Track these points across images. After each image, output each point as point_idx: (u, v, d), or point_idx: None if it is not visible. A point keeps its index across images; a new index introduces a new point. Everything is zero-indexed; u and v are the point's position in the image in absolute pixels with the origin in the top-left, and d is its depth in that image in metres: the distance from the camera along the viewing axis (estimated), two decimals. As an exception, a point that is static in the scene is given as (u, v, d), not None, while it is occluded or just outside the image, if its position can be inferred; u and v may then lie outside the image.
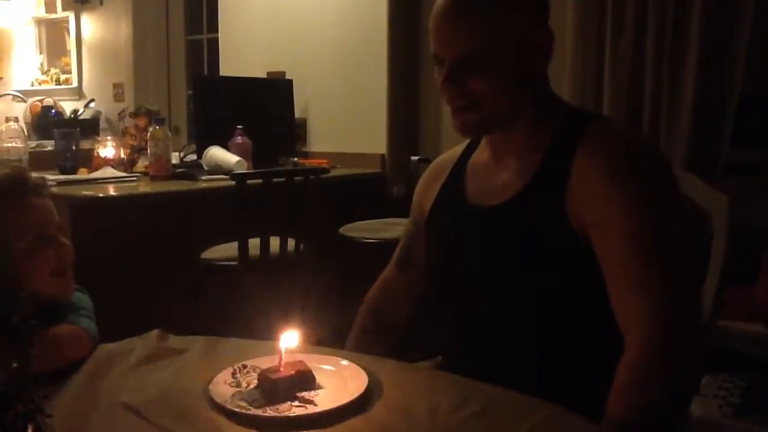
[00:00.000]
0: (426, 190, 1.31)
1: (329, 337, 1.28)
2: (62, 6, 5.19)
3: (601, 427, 0.91)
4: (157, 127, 2.73)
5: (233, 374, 0.97)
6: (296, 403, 0.89)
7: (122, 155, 3.01)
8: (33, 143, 3.84)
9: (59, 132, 2.90)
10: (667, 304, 0.95)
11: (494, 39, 1.04)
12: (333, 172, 3.01)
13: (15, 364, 0.52)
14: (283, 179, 2.43)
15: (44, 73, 5.46)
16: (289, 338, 0.97)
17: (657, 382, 0.94)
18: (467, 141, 1.28)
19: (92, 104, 5.00)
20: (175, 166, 2.89)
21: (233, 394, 0.91)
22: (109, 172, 2.76)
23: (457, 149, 1.30)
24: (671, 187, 1.04)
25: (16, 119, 2.91)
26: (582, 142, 1.05)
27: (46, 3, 5.27)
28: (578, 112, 1.15)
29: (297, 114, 3.65)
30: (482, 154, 1.22)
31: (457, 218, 1.20)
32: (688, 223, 1.07)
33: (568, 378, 1.05)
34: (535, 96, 1.12)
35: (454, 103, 1.10)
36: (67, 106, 5.10)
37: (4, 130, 2.80)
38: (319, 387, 0.94)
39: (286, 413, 0.87)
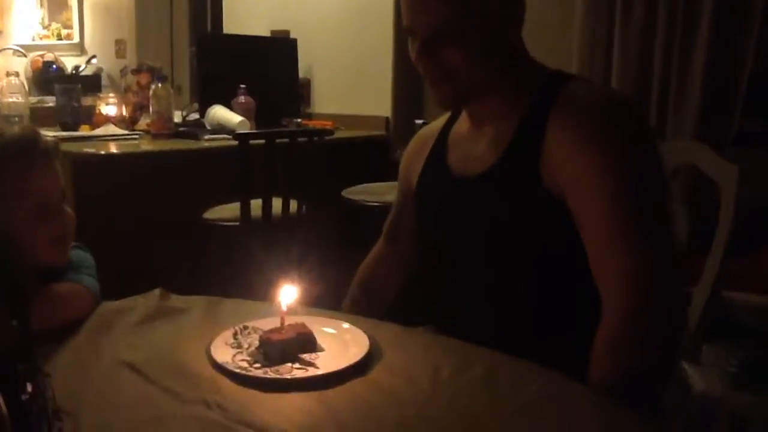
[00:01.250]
0: (412, 162, 1.31)
1: (328, 298, 1.28)
2: (64, -41, 5.11)
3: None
4: (159, 85, 2.70)
5: (234, 335, 0.97)
6: (297, 365, 0.89)
7: (124, 113, 2.99)
8: (34, 99, 3.80)
9: (60, 88, 2.87)
10: (643, 264, 0.95)
11: (465, 9, 1.04)
12: (336, 134, 2.98)
13: (14, 322, 0.52)
14: (287, 140, 2.41)
15: (45, 27, 5.39)
16: (287, 294, 0.97)
17: (636, 343, 0.94)
18: (449, 113, 1.28)
19: (94, 60, 4.94)
20: (177, 124, 2.87)
21: (234, 355, 0.91)
22: (111, 129, 2.74)
23: (441, 120, 1.30)
24: (645, 144, 1.03)
25: (17, 74, 2.88)
26: (554, 106, 1.04)
27: (47, -44, 5.19)
28: (554, 76, 1.13)
29: (301, 74, 3.61)
30: (463, 123, 1.22)
31: (442, 190, 1.20)
32: (664, 180, 1.06)
33: (560, 341, 1.05)
34: (510, 65, 1.11)
35: (430, 75, 1.10)
36: (69, 62, 5.04)
37: (4, 85, 2.77)
38: (320, 349, 0.94)
39: (287, 375, 0.87)
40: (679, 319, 1.01)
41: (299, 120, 3.35)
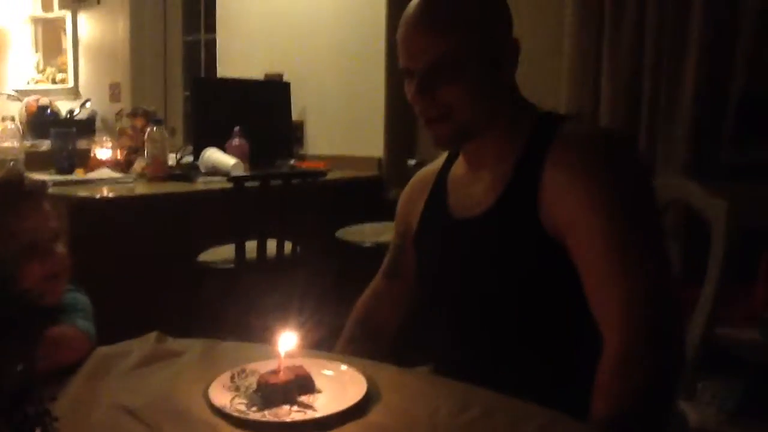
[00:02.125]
0: (411, 204, 1.33)
1: (325, 340, 1.28)
2: (59, 5, 5.17)
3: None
4: (155, 128, 2.73)
5: (232, 378, 0.97)
6: (295, 407, 0.89)
7: (118, 156, 3.00)
8: (28, 143, 3.82)
9: (56, 132, 2.89)
10: (640, 303, 0.97)
11: (460, 48, 1.06)
12: (330, 175, 3.01)
13: (21, 366, 0.52)
14: (281, 182, 2.43)
15: (40, 72, 5.44)
16: (287, 341, 0.97)
17: (636, 376, 0.95)
18: (447, 153, 1.30)
19: (88, 104, 4.97)
20: (171, 167, 2.89)
21: (232, 398, 0.91)
22: (105, 172, 2.75)
23: (438, 161, 1.32)
24: (643, 185, 1.06)
25: (13, 119, 2.90)
26: (550, 147, 1.06)
27: (42, 2, 5.25)
28: (547, 117, 1.15)
29: (294, 116, 3.65)
30: (460, 166, 1.24)
31: (442, 232, 1.22)
32: (659, 216, 1.08)
33: (556, 381, 1.06)
34: (504, 104, 1.13)
35: (426, 114, 1.11)
36: (63, 106, 5.08)
37: (0, 129, 2.79)
38: (318, 391, 0.94)
39: (285, 418, 0.87)
40: (680, 349, 1.02)
41: (293, 161, 3.38)
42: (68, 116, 4.89)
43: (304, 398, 0.91)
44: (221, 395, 0.92)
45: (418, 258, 1.29)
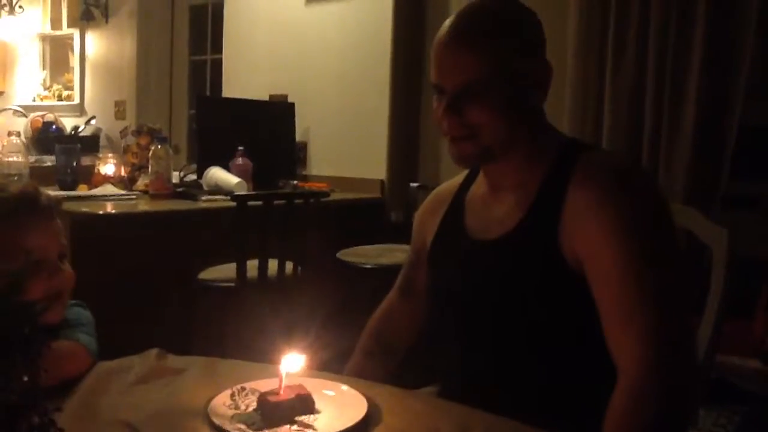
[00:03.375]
0: (427, 221, 1.32)
1: (327, 362, 1.28)
2: (68, 23, 5.23)
3: None
4: (159, 146, 2.74)
5: (232, 396, 0.97)
6: (295, 427, 0.89)
7: (122, 173, 3.02)
8: (33, 158, 3.84)
9: (60, 147, 2.91)
10: (657, 336, 0.96)
11: (494, 70, 1.06)
12: (332, 196, 3.02)
13: (26, 377, 0.52)
14: (283, 201, 2.44)
15: (46, 88, 5.48)
16: (292, 362, 0.97)
17: (648, 413, 0.94)
18: (466, 171, 1.29)
19: (93, 121, 5.01)
20: (175, 185, 2.90)
21: (232, 416, 0.91)
22: (109, 189, 2.77)
23: (457, 179, 1.31)
24: (663, 218, 1.05)
25: (18, 134, 2.92)
26: (573, 175, 1.06)
27: (52, 19, 5.31)
28: (572, 144, 1.16)
29: (298, 137, 3.67)
30: (480, 186, 1.23)
31: (458, 252, 1.21)
32: (679, 254, 1.07)
33: (566, 408, 1.05)
34: (531, 129, 1.13)
35: (452, 132, 1.11)
36: (68, 123, 5.11)
37: (5, 144, 2.81)
38: (318, 411, 0.94)
39: (285, 437, 0.86)
40: (693, 387, 1.02)
41: (295, 182, 3.39)
42: (73, 133, 4.92)
43: (304, 418, 0.91)
44: (221, 413, 0.91)
45: (431, 275, 1.28)
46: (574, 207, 1.04)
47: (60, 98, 5.39)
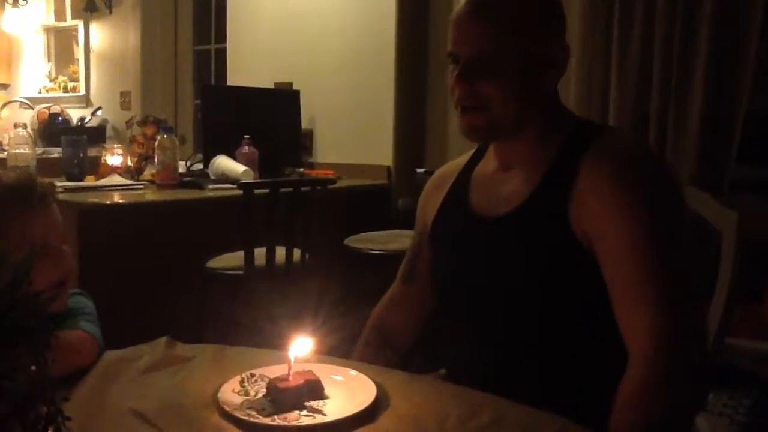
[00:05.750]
0: (428, 201, 1.31)
1: (334, 348, 1.28)
2: (72, 14, 5.22)
3: None
4: (165, 136, 2.74)
5: (241, 382, 0.97)
6: (304, 412, 0.89)
7: (129, 163, 3.02)
8: (40, 150, 3.85)
9: (67, 139, 2.91)
10: (668, 319, 0.95)
11: (509, 45, 1.06)
12: (339, 183, 3.02)
13: (34, 367, 0.52)
14: (290, 189, 2.44)
15: (52, 80, 5.49)
16: (299, 347, 0.97)
17: (659, 396, 0.94)
18: (472, 151, 1.29)
19: (99, 112, 5.01)
20: (181, 174, 2.90)
21: (242, 402, 0.91)
22: (116, 179, 2.77)
23: (462, 159, 1.30)
24: (675, 200, 1.04)
25: (25, 126, 2.93)
26: (586, 155, 1.05)
27: (55, 11, 5.31)
28: (585, 125, 1.15)
29: (303, 124, 3.67)
30: (488, 164, 1.22)
31: (461, 228, 1.20)
32: (691, 238, 1.07)
33: (573, 390, 1.05)
34: (543, 108, 1.12)
35: (462, 102, 1.10)
36: (74, 114, 5.12)
37: (12, 136, 2.82)
38: (328, 397, 0.94)
39: (295, 422, 0.87)
40: (703, 372, 1.01)
41: (302, 169, 3.39)
42: (79, 124, 4.93)
43: (313, 403, 0.91)
44: (231, 399, 0.92)
45: (433, 254, 1.27)
46: (585, 187, 1.03)
47: (65, 90, 5.39)
